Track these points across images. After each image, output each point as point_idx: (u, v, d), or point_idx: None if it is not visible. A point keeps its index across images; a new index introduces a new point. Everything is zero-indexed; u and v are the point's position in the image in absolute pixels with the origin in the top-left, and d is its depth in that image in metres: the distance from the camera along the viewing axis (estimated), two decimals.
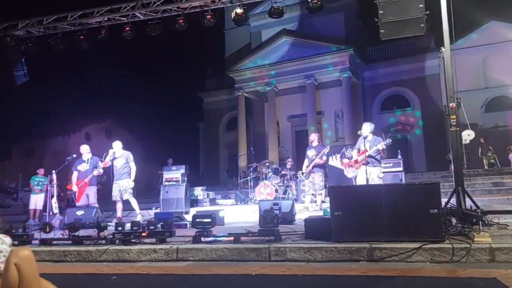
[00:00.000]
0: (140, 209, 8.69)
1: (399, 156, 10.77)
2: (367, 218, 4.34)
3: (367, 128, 7.40)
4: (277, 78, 23.05)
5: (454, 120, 5.59)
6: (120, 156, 8.45)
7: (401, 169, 10.16)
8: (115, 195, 8.31)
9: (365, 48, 23.67)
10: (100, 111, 31.21)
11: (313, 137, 9.57)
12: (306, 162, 9.46)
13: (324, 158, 9.39)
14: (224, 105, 27.27)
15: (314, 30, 22.63)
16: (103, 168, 8.33)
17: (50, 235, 5.70)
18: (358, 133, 7.48)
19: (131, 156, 8.51)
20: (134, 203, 8.48)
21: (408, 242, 4.08)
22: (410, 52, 22.50)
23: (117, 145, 8.52)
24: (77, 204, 8.29)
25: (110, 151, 8.43)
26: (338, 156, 11.24)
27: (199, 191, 12.97)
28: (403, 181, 9.82)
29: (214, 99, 27.66)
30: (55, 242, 5.54)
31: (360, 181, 7.35)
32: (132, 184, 8.37)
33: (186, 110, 41.88)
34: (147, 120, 36.62)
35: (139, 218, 8.23)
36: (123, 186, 8.28)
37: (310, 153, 9.35)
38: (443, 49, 5.85)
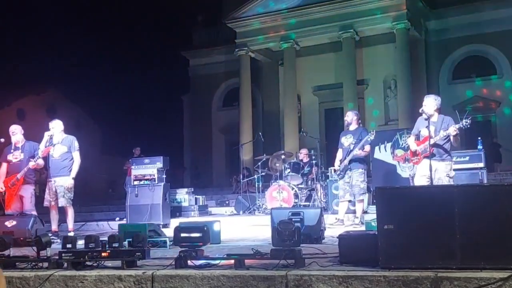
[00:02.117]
0: (99, 220, 8.82)
1: (480, 146, 10.74)
2: (431, 235, 4.35)
3: (431, 103, 7.37)
4: (299, 30, 22.95)
5: None
6: (59, 141, 8.52)
7: (482, 165, 10.14)
8: (50, 198, 8.42)
9: None
10: (39, 78, 31.37)
11: (351, 117, 9.58)
12: (339, 154, 9.48)
13: (368, 148, 9.41)
14: (220, 70, 27.28)
15: None
16: (44, 158, 8.39)
17: None
18: (420, 111, 7.45)
19: (76, 143, 8.59)
20: (70, 214, 8.59)
21: (492, 271, 4.08)
22: None
23: (56, 125, 8.60)
24: (7, 211, 8.38)
25: (46, 134, 8.51)
26: (389, 145, 11.28)
27: (183, 195, 13.07)
28: (485, 182, 9.80)
29: (205, 61, 27.67)
30: None
31: (420, 181, 7.36)
32: (71, 183, 8.43)
33: (164, 77, 41.92)
34: (107, 92, 36.77)
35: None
36: (61, 187, 8.37)
37: (346, 140, 9.37)
38: None
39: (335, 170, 9.91)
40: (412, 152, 7.76)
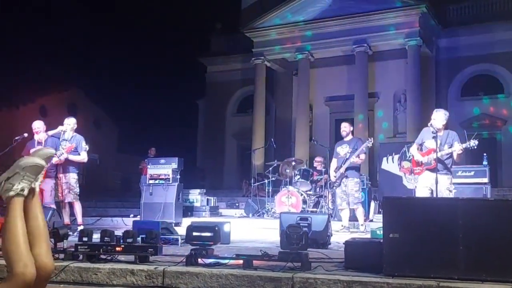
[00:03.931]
0: (113, 216, 8.85)
1: (485, 162, 10.69)
2: (435, 245, 4.33)
3: (440, 117, 7.36)
4: (314, 42, 22.95)
5: None
6: (69, 138, 8.58)
7: (486, 180, 10.12)
8: (59, 193, 8.51)
9: (443, 5, 23.35)
10: (63, 77, 31.58)
11: (348, 128, 9.74)
12: (334, 163, 9.61)
13: (363, 156, 9.43)
14: (236, 77, 27.30)
15: None
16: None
17: None
18: (428, 124, 7.44)
19: (83, 143, 8.62)
20: (78, 208, 8.65)
21: (493, 283, 4.06)
22: (508, 13, 22.10)
23: (71, 122, 8.67)
24: None
25: (59, 128, 8.59)
26: (396, 157, 11.26)
27: (196, 196, 13.11)
28: (489, 197, 9.76)
29: (222, 68, 27.72)
30: None
31: (422, 192, 7.34)
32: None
33: (181, 82, 42.17)
34: (126, 93, 37.01)
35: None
36: (67, 183, 8.48)
37: (342, 150, 9.51)
38: None
39: (333, 183, 9.78)
40: (415, 162, 7.71)
